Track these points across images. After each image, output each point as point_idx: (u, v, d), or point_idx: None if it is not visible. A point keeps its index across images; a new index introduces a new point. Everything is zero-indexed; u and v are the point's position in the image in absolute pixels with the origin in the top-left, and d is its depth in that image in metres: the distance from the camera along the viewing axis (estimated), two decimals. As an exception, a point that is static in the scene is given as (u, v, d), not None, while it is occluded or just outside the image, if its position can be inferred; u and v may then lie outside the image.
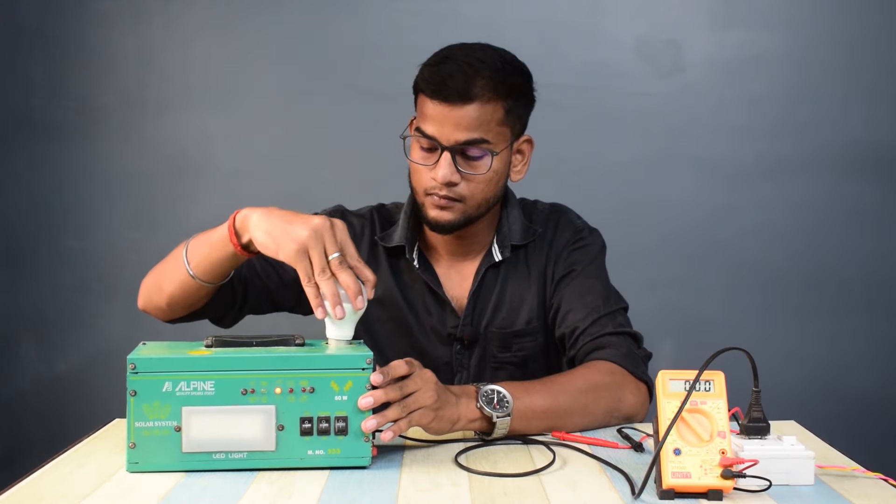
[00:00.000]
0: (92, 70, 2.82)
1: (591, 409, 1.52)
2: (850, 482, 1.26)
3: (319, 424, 1.29)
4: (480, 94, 1.59)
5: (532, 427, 1.47)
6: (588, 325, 1.66)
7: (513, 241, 1.74)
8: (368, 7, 2.81)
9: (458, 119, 1.59)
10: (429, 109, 1.62)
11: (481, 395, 1.42)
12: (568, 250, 1.75)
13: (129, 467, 1.27)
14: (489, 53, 1.64)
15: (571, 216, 1.81)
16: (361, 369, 1.30)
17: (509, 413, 1.42)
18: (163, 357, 1.27)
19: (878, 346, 2.82)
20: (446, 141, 1.61)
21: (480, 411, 1.42)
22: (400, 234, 1.75)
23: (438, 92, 1.60)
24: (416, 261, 1.74)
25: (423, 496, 1.20)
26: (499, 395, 1.43)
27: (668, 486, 1.17)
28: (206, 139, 2.84)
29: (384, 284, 1.75)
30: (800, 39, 2.80)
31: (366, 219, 1.80)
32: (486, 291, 1.75)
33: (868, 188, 2.81)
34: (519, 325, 1.74)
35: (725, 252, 2.83)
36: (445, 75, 1.60)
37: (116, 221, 2.85)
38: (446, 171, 1.61)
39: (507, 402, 1.43)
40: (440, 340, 1.74)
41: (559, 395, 1.50)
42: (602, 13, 2.81)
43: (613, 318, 1.67)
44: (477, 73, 1.60)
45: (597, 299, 1.69)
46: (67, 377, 2.84)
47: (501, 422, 1.42)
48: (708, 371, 1.21)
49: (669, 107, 2.81)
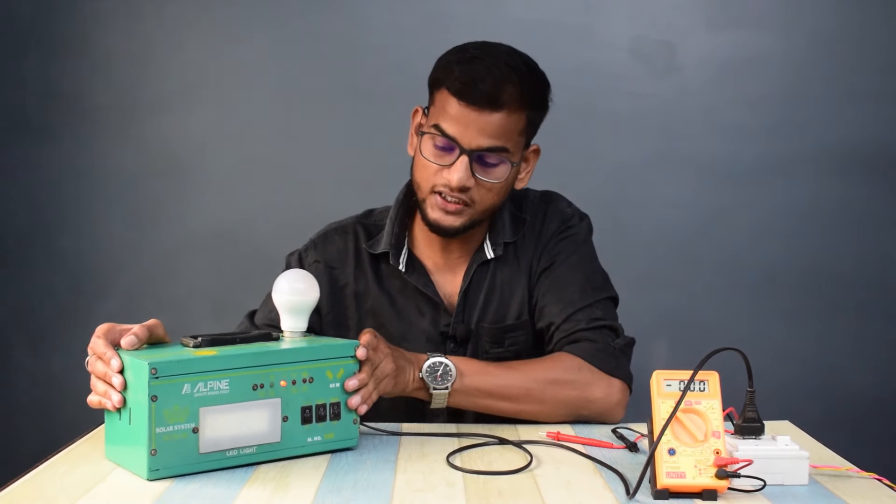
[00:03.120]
0: (85, 70, 2.82)
1: (548, 400, 1.55)
2: (844, 482, 1.27)
3: (317, 412, 1.36)
4: (509, 102, 1.57)
5: (478, 405, 1.55)
6: (562, 320, 1.66)
7: (505, 238, 1.73)
8: (363, 7, 2.81)
9: (483, 125, 1.57)
10: (452, 109, 1.59)
11: (427, 365, 1.51)
12: (554, 240, 1.74)
13: (150, 475, 1.24)
14: (515, 59, 1.62)
15: (561, 204, 1.79)
16: (351, 357, 1.39)
17: (447, 387, 1.51)
18: (182, 359, 1.26)
19: (873, 347, 2.83)
20: (468, 145, 1.58)
21: (421, 381, 1.51)
22: (385, 241, 1.74)
23: (466, 94, 1.57)
24: (402, 265, 1.72)
25: (417, 496, 1.20)
26: (444, 367, 1.52)
27: (662, 486, 1.17)
28: (200, 139, 2.84)
29: (372, 295, 1.74)
30: (794, 40, 2.80)
31: (349, 233, 1.79)
32: (476, 287, 1.73)
33: (863, 189, 2.81)
34: (510, 319, 1.73)
35: (720, 252, 2.83)
36: (476, 77, 1.56)
37: (110, 221, 2.84)
38: (462, 174, 1.58)
39: (451, 375, 1.51)
40: (433, 341, 1.73)
41: (514, 379, 1.55)
42: (596, 14, 2.81)
43: (590, 312, 1.66)
44: (507, 80, 1.57)
45: (573, 293, 1.68)
46: (61, 377, 2.83)
47: (438, 394, 1.51)
48: (702, 371, 1.22)
49: (664, 107, 2.81)
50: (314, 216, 2.77)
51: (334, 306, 1.75)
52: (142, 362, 1.24)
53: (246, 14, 2.82)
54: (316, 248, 1.79)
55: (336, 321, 1.75)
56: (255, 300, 1.87)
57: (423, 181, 1.65)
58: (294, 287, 1.41)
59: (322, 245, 1.79)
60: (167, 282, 2.81)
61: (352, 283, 1.75)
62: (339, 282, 1.76)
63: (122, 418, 1.28)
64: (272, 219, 2.80)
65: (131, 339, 1.32)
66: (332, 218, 1.87)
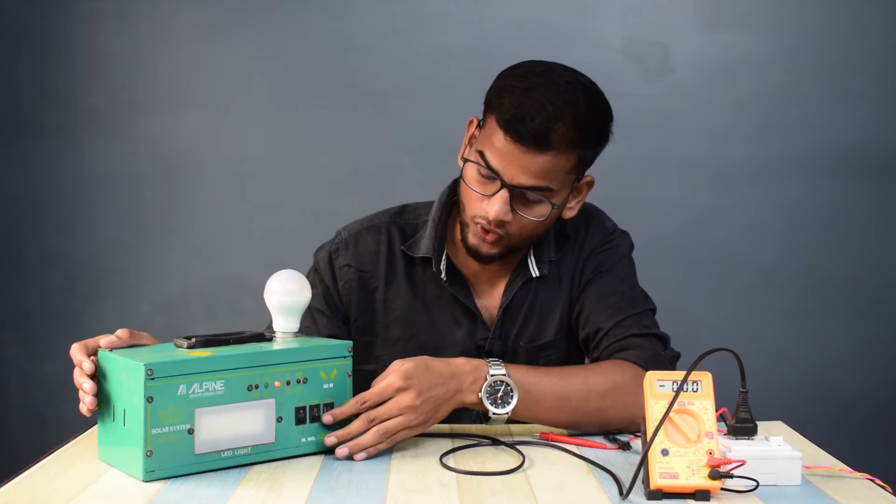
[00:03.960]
0: (79, 70, 2.81)
1: (607, 411, 1.48)
2: (837, 482, 1.27)
3: (311, 412, 1.36)
4: (558, 144, 1.49)
5: (536, 419, 1.48)
6: (612, 326, 1.60)
7: (550, 257, 1.67)
8: (358, 8, 2.81)
9: (527, 164, 1.50)
10: (498, 142, 1.51)
11: (486, 385, 1.42)
12: (595, 253, 1.69)
13: (146, 476, 1.24)
14: (576, 92, 1.53)
15: (602, 218, 1.75)
16: (343, 357, 1.39)
17: (508, 412, 1.43)
18: (177, 360, 1.26)
19: (866, 347, 2.83)
20: (509, 180, 1.51)
21: (480, 402, 1.43)
22: (427, 245, 1.66)
23: (514, 130, 1.49)
24: (443, 273, 1.65)
25: (410, 497, 1.20)
26: (506, 388, 1.43)
27: (655, 487, 1.17)
28: (192, 140, 2.83)
29: (404, 301, 1.68)
30: (786, 41, 2.81)
31: (381, 233, 1.70)
32: (517, 304, 1.68)
33: (855, 188, 2.82)
34: (547, 337, 1.68)
35: (713, 253, 2.83)
36: (525, 114, 1.48)
37: (103, 222, 2.83)
38: (500, 209, 1.52)
39: (512, 396, 1.43)
40: (468, 354, 1.63)
41: (573, 390, 1.47)
42: (590, 15, 2.81)
43: (639, 320, 1.61)
44: (559, 119, 1.49)
45: (621, 300, 1.63)
46: (54, 378, 2.83)
47: (497, 418, 1.43)
48: (695, 372, 1.22)
49: (657, 108, 2.81)
50: (307, 217, 2.80)
51: (363, 311, 1.69)
52: (137, 363, 1.23)
53: (238, 15, 2.81)
54: (347, 249, 1.70)
55: (364, 327, 1.69)
56: (248, 301, 1.87)
57: (467, 206, 1.59)
58: (286, 288, 1.41)
59: (353, 245, 1.70)
60: (160, 282, 2.80)
61: (382, 288, 1.69)
62: (370, 286, 1.69)
63: (116, 420, 1.28)
64: (265, 219, 2.80)
65: (111, 338, 1.33)
66: (325, 219, 1.85)
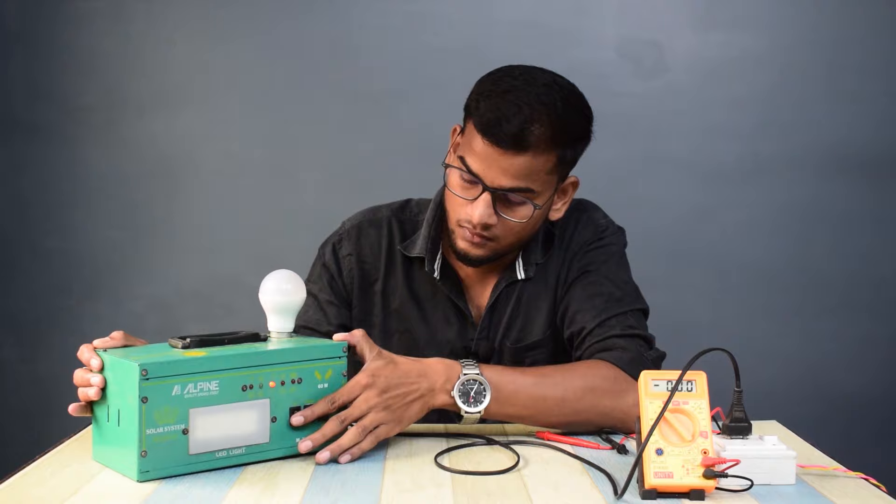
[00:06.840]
0: (73, 70, 2.81)
1: (583, 410, 1.48)
2: (831, 482, 1.27)
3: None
4: (535, 144, 1.51)
5: (510, 417, 1.49)
6: (595, 325, 1.61)
7: (537, 259, 1.68)
8: (352, 8, 2.81)
9: (506, 166, 1.52)
10: (477, 146, 1.53)
11: (459, 384, 1.43)
12: (584, 251, 1.69)
13: (141, 476, 1.23)
14: (553, 94, 1.54)
15: (596, 214, 1.74)
16: (338, 357, 1.39)
17: (480, 411, 1.44)
18: (172, 360, 1.25)
19: (860, 346, 2.84)
20: (490, 183, 1.53)
21: (454, 401, 1.43)
22: (421, 245, 1.69)
23: (491, 133, 1.51)
24: (437, 272, 1.67)
25: (405, 497, 1.20)
26: (479, 386, 1.44)
27: (650, 486, 1.18)
28: (187, 140, 2.83)
29: (401, 295, 1.70)
30: (780, 40, 2.81)
31: (383, 227, 1.73)
32: (502, 305, 1.69)
33: (849, 188, 2.83)
34: (532, 337, 1.69)
35: (708, 252, 2.84)
36: (502, 116, 1.50)
37: (97, 222, 2.83)
38: (483, 212, 1.54)
39: (485, 395, 1.44)
40: (456, 354, 1.67)
41: (550, 389, 1.48)
42: (584, 14, 2.81)
43: (623, 320, 1.61)
44: (535, 121, 1.50)
45: (607, 300, 1.63)
46: (48, 378, 2.82)
47: (469, 417, 1.44)
48: (690, 371, 1.22)
49: (651, 107, 2.82)
50: (302, 217, 2.79)
51: (362, 301, 1.72)
52: (132, 363, 1.23)
53: (233, 15, 2.81)
54: (350, 239, 1.73)
55: (361, 316, 1.71)
56: (242, 302, 1.87)
57: (451, 212, 1.61)
58: (281, 288, 1.41)
59: (356, 236, 1.73)
60: (154, 283, 2.80)
61: (381, 280, 1.71)
62: (370, 277, 1.71)
63: (111, 420, 1.28)
64: (259, 219, 2.80)
65: (104, 339, 1.34)
66: (320, 219, 1.86)
